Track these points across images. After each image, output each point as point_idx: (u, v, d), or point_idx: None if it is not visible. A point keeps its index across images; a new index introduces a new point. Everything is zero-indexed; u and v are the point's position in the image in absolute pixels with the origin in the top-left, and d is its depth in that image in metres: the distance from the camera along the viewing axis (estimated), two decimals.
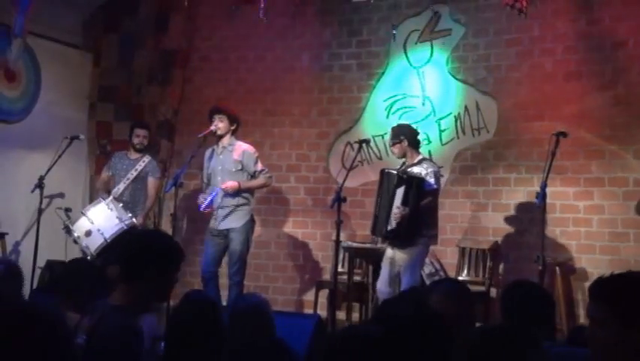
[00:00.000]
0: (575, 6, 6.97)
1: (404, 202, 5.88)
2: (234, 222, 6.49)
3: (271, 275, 7.94)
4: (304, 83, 8.10)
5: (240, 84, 8.30)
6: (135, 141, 7.30)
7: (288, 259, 8.00)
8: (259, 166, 6.63)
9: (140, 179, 7.20)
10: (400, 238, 5.95)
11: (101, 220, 6.63)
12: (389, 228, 5.96)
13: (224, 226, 6.49)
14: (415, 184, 5.92)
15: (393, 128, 6.36)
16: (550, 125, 6.69)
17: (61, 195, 7.82)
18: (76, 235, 6.61)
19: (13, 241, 7.49)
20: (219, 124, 6.56)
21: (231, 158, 6.57)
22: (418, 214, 5.96)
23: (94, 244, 6.55)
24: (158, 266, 2.83)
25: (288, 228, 8.04)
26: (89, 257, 6.53)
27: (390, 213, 5.95)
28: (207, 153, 6.76)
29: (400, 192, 5.92)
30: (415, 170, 6.06)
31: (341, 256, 7.05)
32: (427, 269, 6.96)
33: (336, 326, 6.42)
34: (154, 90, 8.39)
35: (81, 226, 6.64)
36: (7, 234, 7.31)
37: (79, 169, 8.28)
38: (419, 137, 6.35)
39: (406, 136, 6.18)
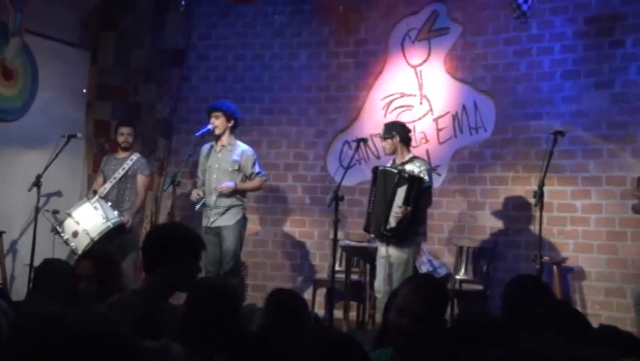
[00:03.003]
0: (572, 5, 6.97)
1: (406, 201, 5.87)
2: (227, 220, 6.49)
3: (268, 274, 7.94)
4: (302, 82, 8.10)
5: (238, 82, 8.29)
6: (120, 139, 7.29)
7: (286, 258, 8.00)
8: (256, 168, 6.63)
9: (129, 177, 7.18)
10: (398, 236, 5.94)
11: (86, 220, 6.64)
12: (388, 227, 5.95)
13: (216, 224, 6.49)
14: (417, 184, 5.92)
15: (386, 125, 6.38)
16: (547, 124, 6.71)
17: (59, 194, 7.81)
18: (65, 236, 6.63)
19: (10, 240, 7.48)
20: (215, 122, 6.55)
21: (230, 157, 6.55)
22: (417, 213, 5.97)
23: (81, 244, 6.56)
24: (179, 256, 2.99)
25: (286, 226, 8.04)
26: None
27: (390, 212, 5.94)
28: (205, 149, 6.74)
29: (401, 191, 5.89)
30: (408, 168, 6.06)
31: (338, 254, 7.04)
32: (425, 268, 6.96)
33: (333, 324, 6.42)
34: (151, 88, 8.38)
35: (68, 227, 6.66)
36: (4, 232, 7.30)
37: (76, 168, 8.26)
38: (410, 134, 6.37)
39: (398, 132, 6.18)
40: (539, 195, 5.56)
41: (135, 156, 7.27)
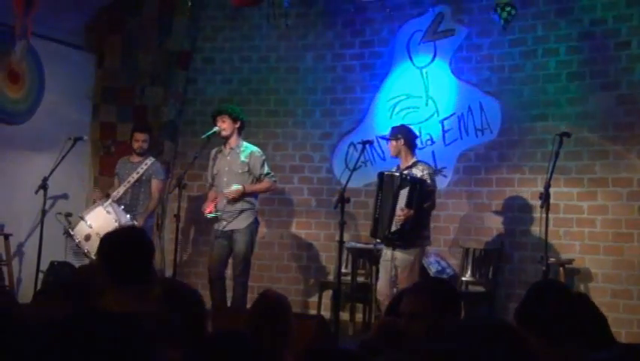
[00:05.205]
0: (578, 6, 6.96)
1: (408, 204, 5.89)
2: (238, 223, 6.51)
3: (275, 276, 7.94)
4: (307, 84, 8.11)
5: (244, 85, 8.30)
6: (135, 145, 7.27)
7: (292, 260, 8.00)
8: (265, 169, 6.63)
9: (144, 182, 7.18)
10: (403, 239, 5.95)
11: (99, 224, 6.64)
12: (393, 229, 5.96)
13: (228, 227, 6.51)
14: (419, 186, 5.93)
15: (393, 127, 6.42)
16: (553, 126, 6.71)
17: (65, 197, 7.83)
18: (77, 240, 6.65)
19: (17, 242, 7.51)
20: (222, 125, 6.56)
21: (239, 160, 6.57)
22: (420, 216, 5.97)
23: (94, 247, 6.56)
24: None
25: (292, 228, 8.04)
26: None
27: (394, 215, 5.95)
28: (213, 152, 6.77)
29: (403, 193, 5.93)
30: (412, 172, 6.08)
31: (344, 256, 7.04)
32: (434, 268, 6.96)
33: (339, 326, 6.43)
34: (157, 91, 8.39)
35: (80, 230, 6.68)
36: (11, 235, 7.33)
37: (82, 170, 8.28)
38: (417, 140, 6.39)
39: (404, 136, 6.20)
40: (545, 196, 5.56)
41: (150, 161, 7.26)
